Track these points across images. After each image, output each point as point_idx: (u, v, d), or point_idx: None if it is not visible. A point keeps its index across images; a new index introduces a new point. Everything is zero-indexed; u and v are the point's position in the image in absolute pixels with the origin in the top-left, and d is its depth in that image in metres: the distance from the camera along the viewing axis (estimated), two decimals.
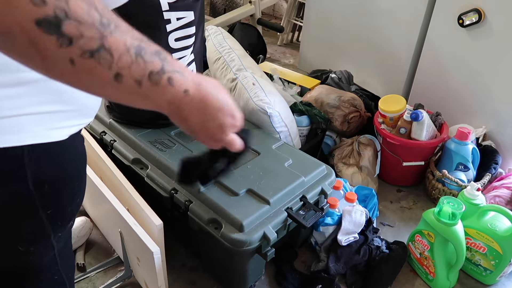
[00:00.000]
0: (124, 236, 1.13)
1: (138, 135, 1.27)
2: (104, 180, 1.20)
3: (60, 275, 0.76)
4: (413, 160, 1.57)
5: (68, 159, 0.59)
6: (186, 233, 1.24)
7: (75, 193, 0.63)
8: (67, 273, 0.77)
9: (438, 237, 1.19)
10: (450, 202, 1.17)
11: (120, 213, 1.07)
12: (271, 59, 2.71)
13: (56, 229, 0.63)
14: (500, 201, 1.39)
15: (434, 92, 1.84)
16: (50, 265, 0.72)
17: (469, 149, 1.50)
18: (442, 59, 1.78)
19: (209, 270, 1.27)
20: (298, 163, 1.21)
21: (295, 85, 1.91)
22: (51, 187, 0.56)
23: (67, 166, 0.59)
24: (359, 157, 1.60)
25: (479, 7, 1.56)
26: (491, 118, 1.69)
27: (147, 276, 1.12)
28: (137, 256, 1.11)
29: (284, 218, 1.06)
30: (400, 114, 1.57)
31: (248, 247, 0.99)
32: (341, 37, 2.23)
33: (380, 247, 1.29)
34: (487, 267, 1.25)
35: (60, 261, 0.73)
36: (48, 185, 0.56)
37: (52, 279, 0.74)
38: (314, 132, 1.61)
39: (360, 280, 1.25)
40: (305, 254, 1.35)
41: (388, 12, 1.96)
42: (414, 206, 1.60)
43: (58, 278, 0.76)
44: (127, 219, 1.05)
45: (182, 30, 1.14)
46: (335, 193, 1.30)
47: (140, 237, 1.00)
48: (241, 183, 1.10)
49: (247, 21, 2.64)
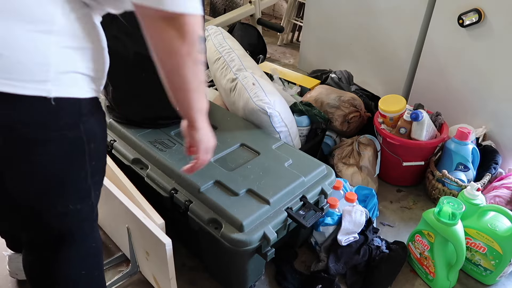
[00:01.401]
0: (131, 231, 1.14)
1: (138, 135, 1.28)
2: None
3: (96, 243, 0.86)
4: (413, 160, 1.57)
5: (103, 117, 0.73)
6: (186, 233, 1.24)
7: (105, 150, 0.76)
8: (99, 244, 0.87)
9: (438, 237, 1.19)
10: (450, 202, 1.17)
11: (129, 208, 1.07)
12: (271, 59, 2.71)
13: (95, 184, 0.75)
14: (500, 201, 1.39)
15: (434, 92, 1.84)
16: (89, 229, 0.82)
17: (469, 149, 1.50)
18: (442, 59, 1.78)
19: (209, 270, 1.27)
20: (298, 163, 1.21)
21: (295, 85, 1.91)
22: (95, 139, 0.69)
23: (103, 124, 0.73)
24: (359, 157, 1.60)
25: (479, 7, 1.56)
26: (491, 118, 1.69)
27: (156, 270, 1.13)
28: (146, 250, 1.11)
29: (284, 218, 1.06)
30: (400, 114, 1.57)
31: (248, 247, 0.99)
32: (341, 37, 2.23)
33: (380, 247, 1.29)
34: (487, 267, 1.25)
35: (95, 228, 0.82)
36: (93, 137, 0.69)
37: (90, 246, 0.84)
38: (314, 132, 1.61)
39: (360, 280, 1.25)
40: (305, 254, 1.35)
41: (388, 12, 1.96)
42: (414, 206, 1.60)
43: (95, 246, 0.86)
44: (136, 214, 1.06)
45: None
46: (335, 193, 1.30)
47: (151, 230, 1.01)
48: (241, 183, 1.10)
49: (247, 21, 2.64)
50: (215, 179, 1.12)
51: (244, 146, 1.27)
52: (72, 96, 0.63)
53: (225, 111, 1.45)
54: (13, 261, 1.18)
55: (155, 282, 1.18)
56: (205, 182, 1.10)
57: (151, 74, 1.21)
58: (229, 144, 1.26)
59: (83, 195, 0.75)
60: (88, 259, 0.85)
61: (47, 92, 0.60)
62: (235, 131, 1.33)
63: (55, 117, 0.63)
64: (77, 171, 0.70)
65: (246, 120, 1.41)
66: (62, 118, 0.63)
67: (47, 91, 0.60)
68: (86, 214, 0.79)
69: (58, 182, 0.69)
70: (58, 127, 0.64)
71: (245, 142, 1.28)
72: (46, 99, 0.60)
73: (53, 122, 0.63)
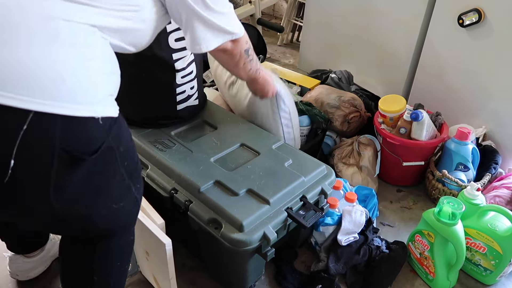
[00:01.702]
0: None
1: (138, 135, 1.28)
2: None
3: (133, 237, 0.91)
4: (413, 160, 1.57)
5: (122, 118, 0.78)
6: (186, 233, 1.24)
7: (134, 146, 0.83)
8: (134, 238, 0.91)
9: (438, 237, 1.19)
10: (450, 202, 1.17)
11: None
12: (271, 59, 2.71)
13: (133, 180, 0.81)
14: (500, 201, 1.39)
15: (434, 92, 1.84)
16: (131, 223, 0.88)
17: (469, 149, 1.50)
18: (442, 59, 1.78)
19: (209, 270, 1.27)
20: (298, 163, 1.21)
21: (295, 85, 1.91)
22: (121, 142, 0.75)
23: (123, 124, 0.78)
24: (359, 157, 1.60)
25: (479, 7, 1.56)
26: (491, 118, 1.69)
27: (156, 269, 1.13)
28: (146, 250, 1.11)
29: (284, 218, 1.06)
30: (400, 114, 1.57)
31: (248, 247, 0.99)
32: (341, 37, 2.23)
33: (380, 247, 1.29)
34: (487, 267, 1.25)
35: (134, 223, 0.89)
36: (119, 141, 0.74)
37: (128, 239, 0.89)
38: (314, 132, 1.61)
39: (360, 280, 1.25)
40: (305, 254, 1.35)
41: (388, 12, 1.95)
42: (414, 206, 1.60)
43: (132, 240, 0.91)
44: None
45: (182, 31, 1.15)
46: (335, 193, 1.30)
47: (151, 230, 1.01)
48: (241, 183, 1.10)
49: (247, 21, 2.64)
50: (215, 179, 1.12)
51: (244, 146, 1.27)
52: (109, 115, 0.70)
53: (225, 111, 1.45)
54: (13, 262, 1.18)
55: (155, 282, 1.18)
56: (205, 182, 1.10)
57: (151, 74, 1.21)
58: (229, 144, 1.26)
59: (124, 193, 0.80)
60: (124, 252, 0.90)
61: (94, 113, 0.66)
62: (235, 131, 1.33)
63: (96, 135, 0.68)
64: (113, 176, 0.75)
65: (246, 120, 1.41)
66: (99, 136, 0.69)
67: (94, 111, 0.66)
68: (129, 209, 0.84)
69: (99, 192, 0.74)
70: (97, 145, 0.69)
71: (245, 142, 1.28)
72: (95, 119, 0.66)
73: (94, 140, 0.68)
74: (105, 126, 0.68)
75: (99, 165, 0.70)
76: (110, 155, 0.72)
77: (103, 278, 0.87)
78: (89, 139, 0.67)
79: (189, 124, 1.35)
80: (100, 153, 0.68)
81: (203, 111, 1.42)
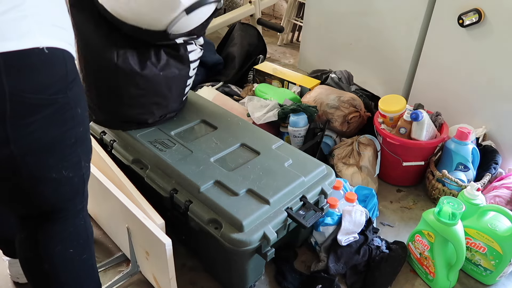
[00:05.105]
0: (131, 231, 1.14)
1: (138, 135, 1.28)
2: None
3: (85, 223, 0.90)
4: (413, 160, 1.57)
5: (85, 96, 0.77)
6: (186, 233, 1.24)
7: (88, 118, 0.80)
8: (88, 227, 0.91)
9: (438, 237, 1.19)
10: (450, 202, 1.17)
11: (129, 208, 1.07)
12: (271, 59, 2.71)
13: (84, 155, 0.80)
14: (500, 201, 1.39)
15: (434, 92, 1.84)
16: (79, 205, 0.86)
17: (469, 149, 1.50)
18: (442, 59, 1.78)
19: (209, 270, 1.27)
20: (298, 163, 1.21)
21: (295, 85, 1.91)
22: (80, 104, 0.73)
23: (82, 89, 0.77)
24: (359, 157, 1.60)
25: (479, 7, 1.56)
26: (491, 118, 1.69)
27: (156, 269, 1.13)
28: (146, 250, 1.11)
29: (284, 218, 1.06)
30: (400, 114, 1.57)
31: (248, 247, 0.99)
32: (341, 37, 2.23)
33: (380, 247, 1.29)
34: (487, 267, 1.25)
35: (85, 208, 0.88)
36: (78, 102, 0.73)
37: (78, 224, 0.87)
38: (312, 132, 1.61)
39: (360, 280, 1.25)
40: (305, 254, 1.35)
41: (388, 12, 1.96)
42: (414, 206, 1.60)
43: (83, 225, 0.89)
44: (136, 214, 1.06)
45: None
46: (335, 193, 1.30)
47: (151, 230, 1.01)
48: (241, 183, 1.10)
49: (247, 21, 2.64)
50: (215, 179, 1.12)
51: (244, 146, 1.27)
52: (59, 46, 0.66)
53: (225, 111, 1.45)
54: (13, 265, 1.18)
55: (155, 282, 1.19)
56: (205, 182, 1.10)
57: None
58: (229, 144, 1.26)
59: (75, 162, 0.78)
60: (76, 237, 0.86)
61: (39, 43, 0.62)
62: (235, 131, 1.33)
63: (52, 78, 0.66)
64: (68, 135, 0.73)
65: (246, 120, 1.41)
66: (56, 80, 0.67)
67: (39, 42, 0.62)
68: (78, 187, 0.82)
69: (52, 146, 0.72)
70: (53, 92, 0.67)
71: (245, 142, 1.28)
72: (41, 51, 0.63)
73: (48, 86, 0.66)
74: (61, 72, 0.67)
75: (56, 117, 0.69)
76: (67, 111, 0.71)
77: (53, 268, 0.84)
78: (42, 83, 0.65)
79: (189, 124, 1.35)
80: (58, 104, 0.68)
81: (203, 111, 1.42)
